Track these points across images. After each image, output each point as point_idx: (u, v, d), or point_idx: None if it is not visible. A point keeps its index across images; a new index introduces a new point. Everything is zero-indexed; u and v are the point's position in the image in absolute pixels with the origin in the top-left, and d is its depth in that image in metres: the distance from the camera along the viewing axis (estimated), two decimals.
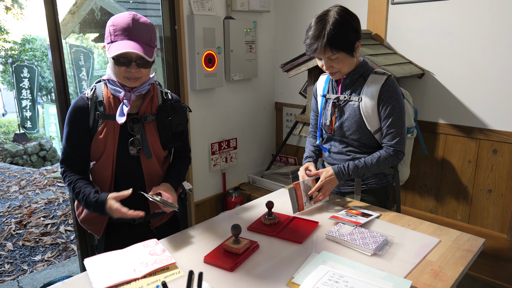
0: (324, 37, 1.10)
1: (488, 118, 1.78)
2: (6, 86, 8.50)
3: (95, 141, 1.06)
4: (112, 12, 3.09)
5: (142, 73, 1.03)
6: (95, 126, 1.06)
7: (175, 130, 1.12)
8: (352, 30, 1.12)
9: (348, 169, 1.18)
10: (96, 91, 1.08)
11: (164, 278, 0.84)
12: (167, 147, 1.14)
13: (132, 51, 0.97)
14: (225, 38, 2.25)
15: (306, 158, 1.36)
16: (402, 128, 1.19)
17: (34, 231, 2.90)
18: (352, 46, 1.13)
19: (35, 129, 6.39)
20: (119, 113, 1.03)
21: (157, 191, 1.06)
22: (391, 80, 1.18)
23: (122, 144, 1.07)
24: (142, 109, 1.09)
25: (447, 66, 1.86)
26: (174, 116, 1.12)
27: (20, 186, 4.12)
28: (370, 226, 1.07)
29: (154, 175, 1.13)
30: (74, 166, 1.09)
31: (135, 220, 1.13)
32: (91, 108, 1.06)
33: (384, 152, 1.19)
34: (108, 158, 1.06)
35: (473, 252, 0.94)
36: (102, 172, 1.08)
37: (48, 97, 9.07)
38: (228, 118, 2.44)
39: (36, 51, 7.73)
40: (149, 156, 1.09)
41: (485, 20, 1.71)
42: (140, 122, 1.08)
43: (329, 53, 1.12)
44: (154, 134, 1.10)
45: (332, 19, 1.10)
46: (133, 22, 1.00)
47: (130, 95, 1.05)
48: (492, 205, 1.83)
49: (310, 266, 0.87)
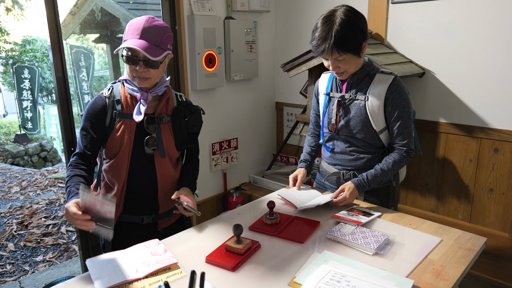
0: (331, 38, 1.09)
1: (489, 117, 1.78)
2: (6, 87, 8.51)
3: (112, 139, 1.08)
4: (113, 13, 3.10)
5: (151, 74, 1.04)
6: (112, 124, 1.08)
7: (191, 131, 1.15)
8: (359, 30, 1.11)
9: (368, 181, 1.18)
10: (114, 91, 1.10)
11: (166, 278, 0.84)
12: (181, 148, 1.16)
13: (134, 47, 0.98)
14: (225, 38, 2.25)
15: (301, 162, 1.37)
16: (411, 128, 1.20)
17: (36, 231, 2.90)
18: (359, 47, 1.13)
19: (36, 130, 6.40)
20: (136, 112, 1.05)
21: (179, 196, 1.09)
22: (398, 80, 1.18)
23: (138, 142, 1.09)
24: (158, 109, 1.11)
25: (448, 65, 1.86)
26: (191, 117, 1.14)
27: (21, 186, 4.13)
28: (371, 225, 1.07)
29: (166, 175, 1.14)
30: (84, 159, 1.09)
31: (143, 220, 1.14)
32: (108, 106, 1.08)
33: (397, 155, 1.19)
34: (124, 156, 1.08)
35: (475, 251, 0.94)
36: (118, 170, 1.10)
37: (48, 98, 9.08)
38: (229, 118, 2.44)
39: (36, 52, 7.74)
40: (163, 155, 1.11)
41: (486, 18, 1.71)
42: (155, 123, 1.10)
43: (336, 54, 1.12)
44: (169, 135, 1.12)
45: (339, 20, 1.09)
46: (146, 23, 1.02)
47: (147, 95, 1.07)
48: (493, 204, 1.83)
49: (312, 266, 0.87)
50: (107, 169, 1.11)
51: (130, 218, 1.14)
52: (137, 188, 1.13)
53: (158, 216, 1.15)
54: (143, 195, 1.14)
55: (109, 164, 1.10)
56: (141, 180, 1.12)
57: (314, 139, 1.40)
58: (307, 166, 1.35)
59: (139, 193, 1.13)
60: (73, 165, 1.07)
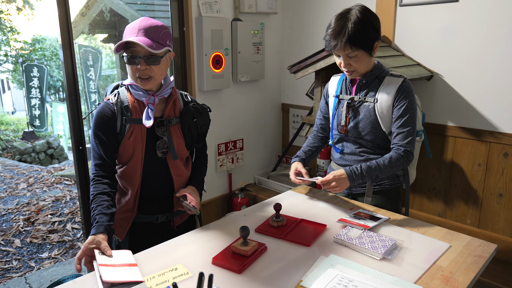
0: (345, 34, 1.10)
1: (498, 121, 1.75)
2: (16, 85, 8.65)
3: (123, 145, 1.07)
4: (121, 13, 3.13)
5: (153, 71, 1.04)
6: (123, 131, 1.07)
7: (201, 130, 1.15)
8: (372, 29, 1.12)
9: (361, 169, 1.14)
10: (120, 97, 1.09)
11: (172, 279, 0.85)
12: (191, 148, 1.17)
13: (134, 41, 0.98)
14: (232, 39, 2.26)
15: (295, 157, 1.34)
16: (413, 130, 1.18)
17: (42, 228, 2.94)
18: (372, 45, 1.14)
19: (44, 127, 6.49)
20: (145, 117, 1.05)
21: (183, 193, 1.10)
22: (407, 83, 1.18)
23: (149, 147, 1.09)
24: (166, 112, 1.11)
25: (456, 68, 1.83)
26: (199, 117, 1.15)
27: (28, 183, 4.19)
28: (378, 229, 1.06)
29: (181, 176, 1.16)
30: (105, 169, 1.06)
31: (158, 219, 1.15)
32: (117, 113, 1.07)
33: (395, 154, 1.17)
34: (137, 161, 1.08)
35: (485, 258, 0.93)
36: (131, 176, 1.09)
37: (56, 96, 9.21)
38: (235, 119, 2.44)
39: (45, 50, 7.85)
40: (175, 158, 1.11)
41: (495, 21, 1.68)
42: (165, 125, 1.10)
43: (348, 50, 1.12)
44: (179, 136, 1.13)
45: (354, 17, 1.11)
46: (142, 22, 1.03)
47: (154, 99, 1.07)
48: (503, 209, 1.80)
49: (318, 270, 0.87)
50: (120, 174, 1.11)
51: (145, 218, 1.14)
52: (151, 191, 1.13)
53: (172, 214, 1.16)
54: (157, 196, 1.14)
55: (122, 170, 1.11)
56: (154, 183, 1.12)
57: (315, 140, 1.39)
58: (300, 160, 1.31)
59: (153, 195, 1.14)
60: (96, 180, 1.04)
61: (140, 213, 1.14)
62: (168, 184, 1.13)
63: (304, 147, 1.38)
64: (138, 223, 1.15)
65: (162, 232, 1.16)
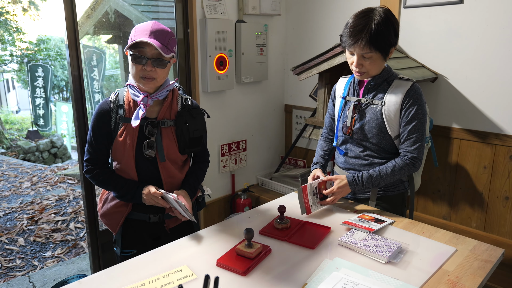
0: (366, 33, 1.07)
1: (504, 123, 1.74)
2: (20, 85, 8.71)
3: (116, 143, 1.11)
4: (126, 15, 3.14)
5: (157, 74, 1.06)
6: (116, 128, 1.11)
7: (193, 136, 1.15)
8: (394, 33, 1.12)
9: (362, 179, 1.16)
10: (119, 95, 1.13)
11: (177, 281, 0.85)
12: (185, 152, 1.16)
13: (147, 41, 1.00)
14: (236, 41, 2.26)
15: (314, 164, 1.35)
16: (422, 135, 1.16)
17: (45, 227, 2.95)
18: (389, 49, 1.13)
19: (48, 126, 6.54)
20: (134, 116, 1.07)
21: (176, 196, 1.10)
22: (416, 87, 1.16)
23: (140, 146, 1.10)
24: (160, 114, 1.12)
25: (461, 70, 1.82)
26: (192, 122, 1.15)
27: (32, 182, 4.21)
28: (383, 232, 1.06)
29: (172, 178, 1.16)
30: (98, 164, 1.14)
31: (150, 219, 1.15)
32: (113, 111, 1.11)
33: (400, 161, 1.16)
34: (129, 159, 1.11)
35: (492, 262, 0.92)
36: (128, 173, 1.13)
37: (60, 96, 9.26)
38: (238, 120, 2.44)
39: (50, 50, 7.91)
40: (162, 159, 1.12)
41: (500, 23, 1.67)
42: (156, 127, 1.11)
43: (366, 49, 1.10)
44: (171, 139, 1.13)
45: (378, 17, 1.09)
46: (153, 25, 1.05)
47: (147, 100, 1.08)
48: (509, 212, 1.78)
49: (323, 273, 0.86)
50: (119, 171, 1.15)
51: (138, 216, 1.16)
52: None
53: (164, 216, 1.16)
54: None
55: (118, 166, 1.14)
56: (149, 182, 1.13)
57: (327, 143, 1.39)
58: (321, 167, 1.33)
59: None
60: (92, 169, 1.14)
61: (134, 210, 1.15)
62: (159, 185, 1.14)
63: (319, 152, 1.37)
64: (131, 220, 1.16)
65: (155, 232, 1.17)
